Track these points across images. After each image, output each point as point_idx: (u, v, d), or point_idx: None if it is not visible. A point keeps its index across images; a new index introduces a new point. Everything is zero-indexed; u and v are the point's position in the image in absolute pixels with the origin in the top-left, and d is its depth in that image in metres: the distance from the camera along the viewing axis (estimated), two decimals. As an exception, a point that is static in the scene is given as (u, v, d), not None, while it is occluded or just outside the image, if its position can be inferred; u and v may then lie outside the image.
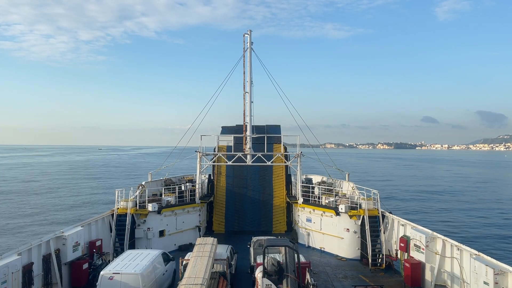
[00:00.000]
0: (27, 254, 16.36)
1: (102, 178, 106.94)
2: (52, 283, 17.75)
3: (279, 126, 39.24)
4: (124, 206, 24.25)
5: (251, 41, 30.95)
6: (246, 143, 30.91)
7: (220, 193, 33.50)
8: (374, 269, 22.69)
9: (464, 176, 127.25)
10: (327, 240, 26.41)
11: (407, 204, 64.13)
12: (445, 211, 58.46)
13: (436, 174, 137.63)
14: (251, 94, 30.69)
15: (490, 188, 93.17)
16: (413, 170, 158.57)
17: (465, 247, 16.86)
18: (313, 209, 27.46)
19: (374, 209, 24.36)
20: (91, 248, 21.09)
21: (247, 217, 32.47)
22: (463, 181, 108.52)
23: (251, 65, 30.83)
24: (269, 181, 34.18)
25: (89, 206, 59.22)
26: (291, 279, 14.68)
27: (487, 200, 70.90)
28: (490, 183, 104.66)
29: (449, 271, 17.95)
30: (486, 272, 14.25)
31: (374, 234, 23.57)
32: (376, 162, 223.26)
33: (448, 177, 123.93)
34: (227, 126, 38.78)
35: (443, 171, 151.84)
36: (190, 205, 28.23)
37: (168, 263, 19.79)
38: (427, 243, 18.74)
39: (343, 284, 20.37)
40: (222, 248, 20.99)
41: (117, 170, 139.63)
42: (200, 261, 16.30)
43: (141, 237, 24.76)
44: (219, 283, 16.26)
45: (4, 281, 14.09)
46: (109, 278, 15.76)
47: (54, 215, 53.48)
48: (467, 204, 65.76)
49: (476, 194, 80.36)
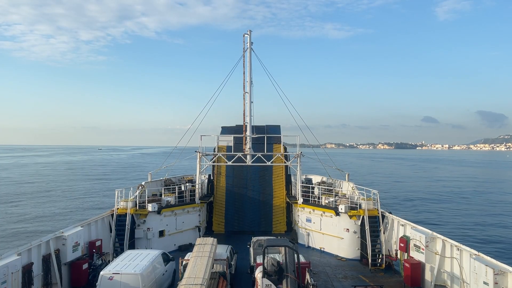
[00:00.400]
0: (26, 254, 16.35)
1: (97, 180, 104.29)
2: (52, 283, 17.74)
3: (279, 126, 39.26)
4: (124, 206, 24.25)
5: (251, 41, 30.97)
6: (246, 143, 30.91)
7: (220, 193, 33.50)
8: (374, 269, 22.69)
9: (471, 177, 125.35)
10: (327, 240, 26.41)
11: (423, 208, 61.75)
12: (464, 214, 56.68)
13: (445, 175, 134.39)
14: (251, 94, 30.72)
15: (500, 188, 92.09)
16: (420, 171, 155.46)
17: (465, 247, 16.86)
18: (313, 209, 27.46)
19: (374, 209, 24.37)
20: (91, 248, 21.08)
21: (247, 217, 32.47)
22: (472, 182, 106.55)
23: (251, 65, 30.85)
24: (269, 181, 34.18)
25: (80, 210, 57.69)
26: (291, 279, 14.68)
27: (500, 202, 69.50)
28: (501, 184, 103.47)
29: (449, 271, 17.95)
30: (486, 272, 14.25)
31: (374, 234, 23.57)
32: (380, 163, 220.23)
33: (458, 178, 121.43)
34: (227, 126, 38.80)
35: (450, 172, 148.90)
36: (190, 205, 28.23)
37: (168, 263, 19.79)
38: (427, 243, 18.74)
39: (343, 284, 20.37)
40: (222, 248, 20.99)
41: (115, 171, 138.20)
42: (200, 261, 16.30)
43: (141, 237, 24.75)
44: (219, 283, 16.27)
45: (4, 281, 14.09)
46: (109, 278, 15.75)
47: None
48: (481, 206, 64.53)
49: (487, 195, 78.70)
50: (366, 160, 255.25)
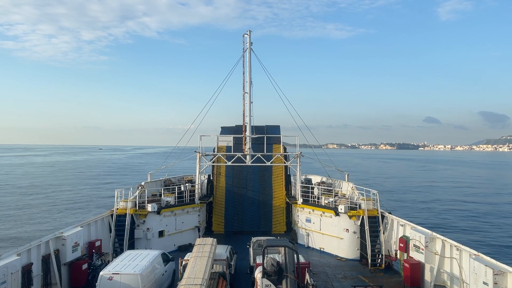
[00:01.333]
0: (26, 254, 16.34)
1: (91, 182, 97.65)
2: (51, 284, 17.73)
3: (278, 126, 39.26)
4: (123, 207, 24.25)
5: (250, 41, 30.96)
6: (245, 144, 30.91)
7: (220, 193, 33.50)
8: (373, 270, 22.69)
9: (488, 178, 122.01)
10: (327, 241, 26.41)
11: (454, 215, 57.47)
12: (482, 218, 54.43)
13: (462, 177, 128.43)
14: (250, 94, 30.70)
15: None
16: (430, 172, 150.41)
17: (465, 247, 16.87)
18: (312, 209, 27.46)
19: (373, 210, 24.37)
20: (91, 248, 21.07)
21: (247, 218, 32.46)
22: (490, 184, 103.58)
23: (250, 65, 30.84)
24: (269, 181, 34.18)
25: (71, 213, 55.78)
26: (291, 279, 14.68)
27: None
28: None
29: (448, 272, 17.95)
30: (485, 272, 14.25)
31: (374, 234, 23.58)
32: (388, 164, 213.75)
33: (473, 180, 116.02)
34: (227, 127, 38.79)
35: (462, 174, 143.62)
36: (189, 206, 28.23)
37: (168, 264, 19.79)
38: (427, 243, 18.75)
39: (342, 284, 20.37)
40: (222, 248, 20.98)
41: (112, 172, 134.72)
42: (200, 261, 16.29)
43: (140, 238, 24.75)
44: (219, 284, 16.26)
45: (4, 281, 14.09)
46: (109, 279, 15.75)
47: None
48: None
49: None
50: (373, 161, 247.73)
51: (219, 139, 34.92)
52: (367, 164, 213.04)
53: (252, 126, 31.59)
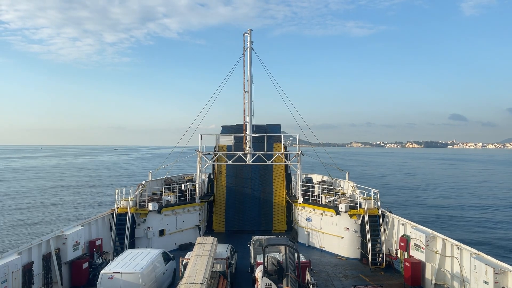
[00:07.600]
0: (27, 253, 16.37)
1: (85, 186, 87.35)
2: (52, 283, 17.76)
3: (279, 125, 39.28)
4: (124, 206, 24.26)
5: (251, 40, 31.02)
6: (246, 143, 30.92)
7: (220, 192, 33.52)
8: (374, 268, 22.68)
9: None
10: (327, 240, 26.42)
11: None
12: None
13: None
14: (251, 93, 30.71)
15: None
16: (484, 173, 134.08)
17: (465, 246, 16.85)
18: (313, 208, 27.46)
19: (374, 208, 24.36)
20: (91, 247, 21.10)
21: (247, 217, 32.47)
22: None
23: (251, 64, 30.87)
24: (269, 180, 34.19)
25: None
26: (291, 278, 14.68)
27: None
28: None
29: (449, 271, 17.95)
30: (486, 272, 14.24)
31: (374, 233, 23.57)
32: (434, 164, 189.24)
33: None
34: (227, 126, 38.82)
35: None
36: (190, 205, 28.24)
37: (168, 263, 19.79)
38: (427, 242, 18.73)
39: (343, 283, 20.37)
40: (222, 247, 20.99)
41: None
42: (200, 260, 16.31)
43: (141, 237, 24.77)
44: (219, 283, 16.28)
45: (4, 280, 14.10)
46: (109, 277, 15.77)
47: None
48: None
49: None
50: (414, 161, 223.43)
51: (220, 138, 34.97)
52: (410, 164, 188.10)
53: (253, 125, 31.62)
